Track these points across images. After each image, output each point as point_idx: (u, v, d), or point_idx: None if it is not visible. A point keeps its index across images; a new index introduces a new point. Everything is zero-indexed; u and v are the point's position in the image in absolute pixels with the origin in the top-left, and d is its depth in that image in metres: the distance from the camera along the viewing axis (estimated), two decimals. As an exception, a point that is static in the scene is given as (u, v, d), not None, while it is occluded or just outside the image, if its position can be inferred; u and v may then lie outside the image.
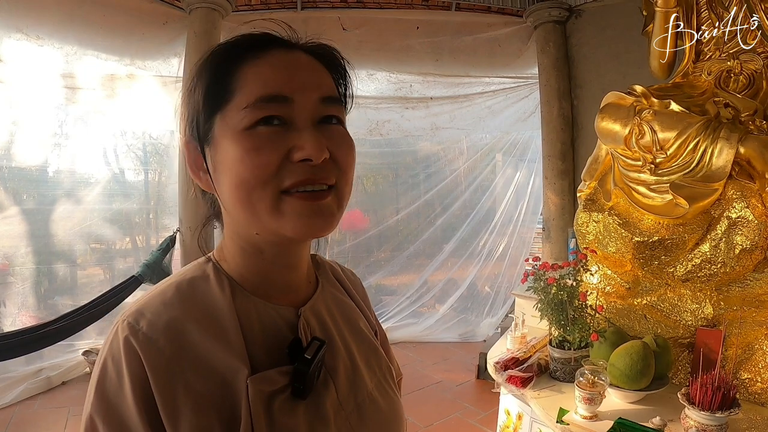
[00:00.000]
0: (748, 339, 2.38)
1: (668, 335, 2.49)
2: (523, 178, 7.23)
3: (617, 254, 2.64)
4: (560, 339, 2.50)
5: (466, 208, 7.39)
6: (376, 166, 7.54)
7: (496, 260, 7.20)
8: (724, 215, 2.36)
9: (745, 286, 2.38)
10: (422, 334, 6.78)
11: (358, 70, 6.04)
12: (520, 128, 7.02)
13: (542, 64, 5.45)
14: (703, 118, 2.47)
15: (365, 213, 7.52)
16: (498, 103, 6.61)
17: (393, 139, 7.13)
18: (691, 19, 3.21)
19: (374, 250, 7.49)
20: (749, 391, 2.30)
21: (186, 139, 0.87)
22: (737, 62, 2.93)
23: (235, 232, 0.88)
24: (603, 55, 5.08)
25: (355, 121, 6.53)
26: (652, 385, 2.25)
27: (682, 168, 2.46)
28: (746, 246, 2.28)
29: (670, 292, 2.55)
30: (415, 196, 7.44)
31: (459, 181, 7.40)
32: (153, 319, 0.78)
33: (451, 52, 5.96)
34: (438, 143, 7.47)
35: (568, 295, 2.44)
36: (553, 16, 5.39)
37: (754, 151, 2.31)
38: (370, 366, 0.99)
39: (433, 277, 7.38)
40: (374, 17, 5.66)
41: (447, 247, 7.33)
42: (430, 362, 6.00)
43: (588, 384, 2.12)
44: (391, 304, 7.22)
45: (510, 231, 7.20)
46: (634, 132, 2.57)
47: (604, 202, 2.77)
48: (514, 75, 6.34)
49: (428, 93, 6.45)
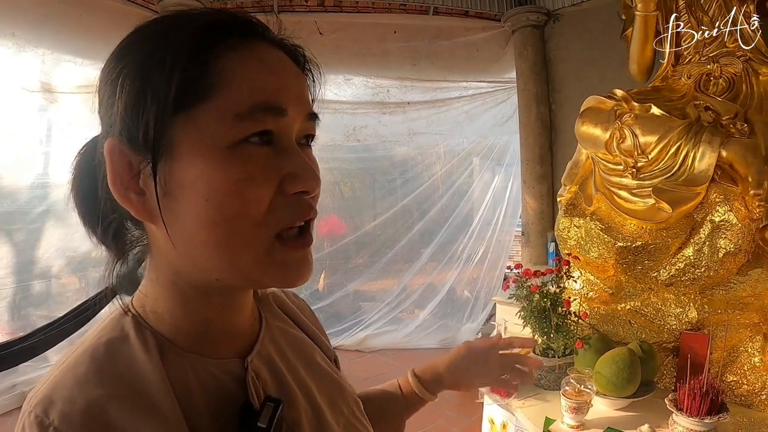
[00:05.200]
0: (733, 342, 2.38)
1: (653, 340, 2.48)
2: (501, 182, 7.27)
3: (599, 259, 2.62)
4: (544, 346, 2.48)
5: (444, 212, 7.38)
6: (353, 171, 7.52)
7: (475, 265, 7.21)
8: (707, 219, 2.35)
9: (729, 289, 2.37)
10: (402, 341, 6.75)
11: (335, 74, 6.05)
12: (497, 133, 7.05)
13: (520, 68, 5.46)
14: (685, 122, 2.47)
15: (343, 219, 7.49)
16: (475, 108, 6.63)
17: (370, 144, 7.12)
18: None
19: (352, 256, 7.46)
20: (735, 394, 2.31)
21: (114, 143, 0.63)
22: (717, 65, 2.94)
23: (177, 274, 0.70)
24: (581, 59, 5.09)
25: (331, 127, 6.50)
26: (638, 391, 2.23)
27: (664, 172, 2.44)
28: (730, 249, 2.28)
29: (654, 297, 2.54)
30: (393, 201, 7.44)
31: (437, 185, 7.41)
32: (65, 408, 0.59)
33: (429, 56, 5.95)
34: (415, 148, 7.47)
35: (552, 303, 2.42)
36: (531, 21, 5.40)
37: (736, 155, 2.31)
38: (335, 406, 0.86)
39: (412, 283, 7.36)
40: (351, 21, 5.63)
41: (425, 252, 7.33)
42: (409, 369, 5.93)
43: (574, 393, 2.10)
44: (370, 310, 7.18)
45: (488, 235, 7.23)
46: (615, 136, 2.56)
47: (585, 207, 2.75)
48: (492, 79, 6.37)
49: (405, 98, 6.45)
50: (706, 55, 3.06)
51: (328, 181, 7.33)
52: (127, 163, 0.64)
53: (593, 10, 4.97)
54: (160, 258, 0.71)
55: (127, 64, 0.64)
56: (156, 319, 0.70)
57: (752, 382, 2.28)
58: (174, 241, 0.65)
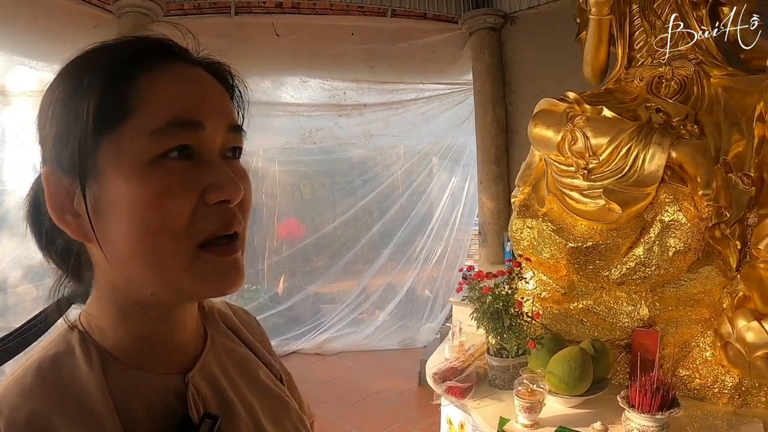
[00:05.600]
0: (685, 337, 2.44)
1: (605, 338, 2.53)
2: (458, 183, 7.31)
3: (552, 260, 2.66)
4: (498, 347, 2.50)
5: (402, 213, 7.41)
6: (310, 173, 7.49)
7: (433, 264, 7.24)
8: (657, 219, 2.40)
9: (679, 287, 2.42)
10: (362, 342, 6.73)
11: (291, 77, 6.00)
12: (454, 134, 7.09)
13: (476, 70, 5.50)
14: (636, 124, 2.51)
15: (302, 221, 7.46)
16: (432, 110, 6.66)
17: (327, 146, 7.10)
18: (624, 26, 3.28)
19: (312, 258, 7.44)
20: (688, 388, 2.37)
21: (49, 170, 0.67)
22: (669, 68, 3.00)
23: (115, 291, 0.71)
24: (537, 62, 5.14)
25: (287, 129, 6.47)
26: (591, 389, 2.27)
27: (615, 173, 2.49)
28: (680, 248, 2.32)
29: (606, 295, 2.58)
30: (352, 202, 7.43)
31: (395, 186, 7.42)
32: (11, 416, 0.61)
33: (386, 58, 5.95)
34: (373, 150, 7.48)
35: (504, 304, 2.44)
36: (488, 23, 5.44)
37: (685, 156, 2.36)
38: (279, 422, 0.87)
39: (372, 283, 7.37)
40: (309, 23, 5.60)
41: (384, 253, 7.34)
42: (370, 371, 5.96)
43: (527, 393, 2.12)
44: (330, 312, 7.16)
45: (446, 235, 7.28)
46: (567, 138, 2.59)
47: (537, 208, 2.78)
48: (449, 81, 6.40)
49: (362, 100, 6.44)
50: (658, 58, 3.12)
51: (287, 183, 7.31)
52: (62, 187, 0.66)
53: (550, 13, 5.02)
54: (100, 275, 0.72)
55: (55, 96, 0.67)
56: (100, 335, 0.72)
57: (704, 376, 2.34)
58: (108, 258, 0.68)
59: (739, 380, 2.26)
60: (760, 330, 2.12)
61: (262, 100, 6.12)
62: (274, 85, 6.15)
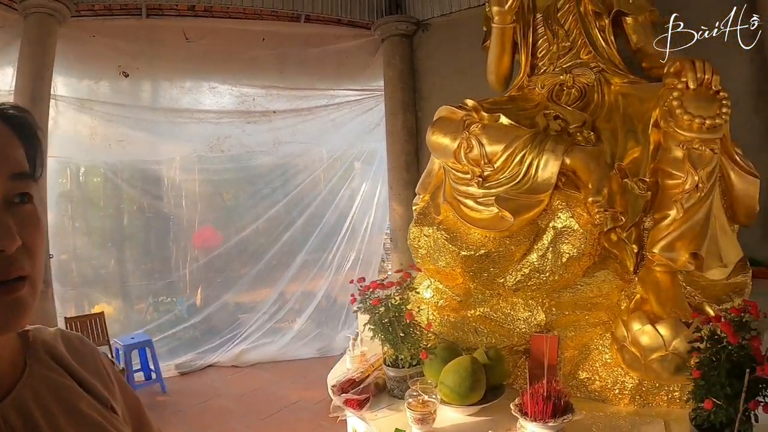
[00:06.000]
0: (584, 340, 2.47)
1: (503, 344, 2.53)
2: (370, 189, 7.30)
3: (448, 268, 2.65)
4: (394, 357, 2.48)
5: (314, 220, 7.34)
6: (220, 182, 7.31)
7: (347, 271, 7.20)
8: (550, 225, 2.42)
9: (576, 292, 2.46)
10: (279, 353, 6.67)
11: (200, 82, 5.88)
12: (365, 140, 7.07)
13: (387, 76, 5.53)
14: (531, 131, 2.53)
15: (219, 229, 7.28)
16: (342, 116, 6.64)
17: (235, 154, 6.95)
18: (528, 34, 3.31)
19: (227, 267, 7.27)
20: (589, 390, 2.39)
21: None
22: (570, 76, 3.05)
23: None
24: (448, 68, 5.19)
25: (195, 137, 6.32)
26: (488, 396, 2.26)
27: (510, 180, 2.50)
28: (573, 254, 2.35)
29: (503, 302, 2.59)
30: (264, 210, 7.28)
31: (305, 193, 7.33)
32: None
33: (298, 64, 5.94)
34: (282, 157, 7.38)
35: (395, 314, 2.42)
36: (400, 30, 5.47)
37: (580, 162, 2.39)
38: None
39: (287, 291, 7.27)
40: (220, 27, 5.53)
41: (298, 260, 7.27)
42: (287, 382, 5.90)
43: (418, 404, 2.10)
44: (247, 323, 7.03)
45: (359, 241, 7.26)
46: (463, 146, 2.59)
47: (434, 217, 2.77)
48: (361, 87, 6.41)
49: (271, 107, 6.37)
50: (560, 66, 3.17)
51: (200, 192, 7.13)
52: None
53: (462, 20, 5.08)
54: None
55: None
56: None
57: (604, 378, 2.37)
58: None
59: (638, 381, 2.29)
60: (654, 334, 2.16)
61: (169, 107, 5.99)
62: (182, 91, 6.02)
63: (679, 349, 2.04)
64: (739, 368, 1.71)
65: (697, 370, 1.83)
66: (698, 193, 2.24)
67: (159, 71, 5.74)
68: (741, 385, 1.67)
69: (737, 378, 1.70)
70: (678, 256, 2.27)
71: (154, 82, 6.03)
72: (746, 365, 1.70)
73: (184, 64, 5.69)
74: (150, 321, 6.75)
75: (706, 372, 1.80)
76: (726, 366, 1.76)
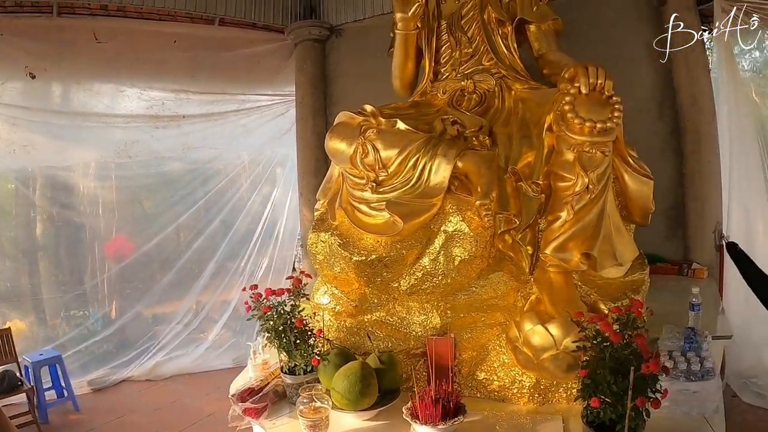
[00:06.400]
0: (482, 341, 2.50)
1: (400, 348, 2.54)
2: (281, 195, 7.19)
3: (342, 274, 2.65)
4: (291, 364, 2.47)
5: (225, 227, 7.14)
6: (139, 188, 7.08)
7: (260, 278, 7.04)
8: (441, 229, 2.44)
9: (471, 294, 2.48)
10: (194, 364, 6.50)
11: (109, 85, 5.71)
12: (276, 145, 6.95)
13: (299, 81, 5.53)
14: (425, 136, 2.55)
15: (130, 238, 7.05)
16: (253, 121, 6.52)
17: (144, 160, 6.70)
18: (432, 41, 3.35)
19: (139, 276, 7.02)
20: (488, 390, 2.45)
21: None
22: (471, 82, 3.09)
23: None
24: (359, 74, 5.20)
25: (101, 143, 6.09)
26: (385, 399, 2.28)
27: (403, 185, 2.51)
28: (464, 257, 2.38)
29: (399, 306, 2.60)
30: (173, 218, 7.02)
31: (216, 200, 7.14)
32: None
33: (209, 67, 5.84)
34: (192, 163, 7.16)
35: (287, 321, 2.43)
36: (313, 35, 5.47)
37: (472, 165, 2.42)
38: None
39: (202, 299, 7.07)
40: (133, 28, 5.38)
41: (209, 269, 7.04)
42: (202, 394, 5.76)
43: (310, 411, 2.09)
44: (160, 334, 6.80)
45: (271, 248, 7.13)
46: (359, 151, 2.59)
47: (330, 222, 2.77)
48: (273, 92, 6.32)
49: (181, 111, 6.19)
50: (462, 72, 3.22)
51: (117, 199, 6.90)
52: None
53: (374, 26, 5.09)
54: None
55: None
56: None
57: (502, 378, 2.42)
58: None
59: (536, 380, 2.35)
60: (545, 333, 2.20)
61: (76, 110, 5.75)
62: (90, 94, 5.79)
63: (569, 347, 2.08)
64: (625, 366, 1.76)
65: (584, 369, 1.86)
66: (589, 195, 2.29)
67: (67, 73, 5.53)
68: (627, 383, 1.71)
69: (624, 375, 1.74)
70: (570, 256, 2.32)
71: (63, 84, 5.80)
72: (631, 363, 1.75)
73: (93, 66, 5.49)
74: (62, 335, 6.47)
75: (592, 370, 1.84)
76: (610, 364, 1.81)
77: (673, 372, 2.18)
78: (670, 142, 4.23)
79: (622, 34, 4.28)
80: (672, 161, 4.23)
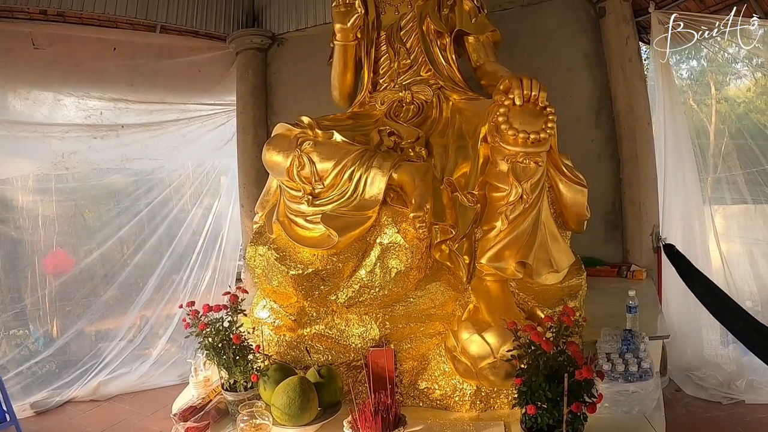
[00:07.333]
0: (422, 351, 2.52)
1: (340, 360, 2.55)
2: (223, 206, 7.08)
3: (281, 287, 2.63)
4: (232, 381, 2.44)
5: (165, 239, 6.94)
6: (80, 201, 6.91)
7: (203, 292, 6.92)
8: (377, 241, 2.45)
9: (408, 305, 2.49)
10: (139, 381, 6.27)
11: (45, 93, 5.53)
12: (217, 156, 6.84)
13: (240, 90, 5.46)
14: (361, 148, 2.56)
15: (71, 252, 6.86)
16: (193, 131, 6.39)
17: (81, 172, 6.50)
18: (371, 52, 3.36)
19: (80, 292, 6.83)
20: (431, 399, 2.46)
21: None
22: (408, 92, 3.11)
23: None
24: (301, 83, 5.18)
25: (38, 154, 5.87)
26: (327, 413, 2.29)
27: (339, 197, 2.52)
28: (401, 269, 2.39)
29: (338, 318, 2.60)
30: (112, 231, 6.87)
31: (156, 212, 6.96)
32: None
33: (149, 75, 5.69)
34: (130, 175, 6.94)
35: (225, 338, 2.41)
36: (255, 43, 5.42)
37: (407, 177, 2.44)
38: None
39: (145, 314, 6.91)
40: (71, 34, 5.21)
41: (151, 283, 6.83)
42: (148, 412, 5.59)
43: (251, 428, 2.09)
44: (103, 351, 6.61)
45: (213, 260, 7.01)
46: (295, 163, 2.58)
47: (268, 236, 2.75)
48: (214, 102, 6.21)
49: (119, 120, 6.02)
50: (399, 83, 3.24)
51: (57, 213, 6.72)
52: None
53: (317, 36, 5.07)
54: None
55: None
56: None
57: (444, 387, 2.44)
58: None
59: (477, 387, 2.37)
60: (481, 342, 2.23)
61: (10, 119, 5.53)
62: (26, 103, 5.58)
63: (506, 356, 2.09)
64: (559, 373, 1.79)
65: (519, 377, 1.90)
66: (523, 205, 2.33)
67: (3, 80, 5.36)
68: (561, 390, 1.75)
69: (559, 382, 1.77)
70: (506, 265, 2.36)
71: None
72: (565, 369, 1.78)
73: (29, 73, 5.29)
74: (1, 357, 6.27)
75: (528, 378, 1.87)
76: (545, 372, 1.84)
77: (612, 374, 2.23)
78: (608, 149, 4.33)
79: (562, 45, 4.37)
80: (610, 167, 4.33)
